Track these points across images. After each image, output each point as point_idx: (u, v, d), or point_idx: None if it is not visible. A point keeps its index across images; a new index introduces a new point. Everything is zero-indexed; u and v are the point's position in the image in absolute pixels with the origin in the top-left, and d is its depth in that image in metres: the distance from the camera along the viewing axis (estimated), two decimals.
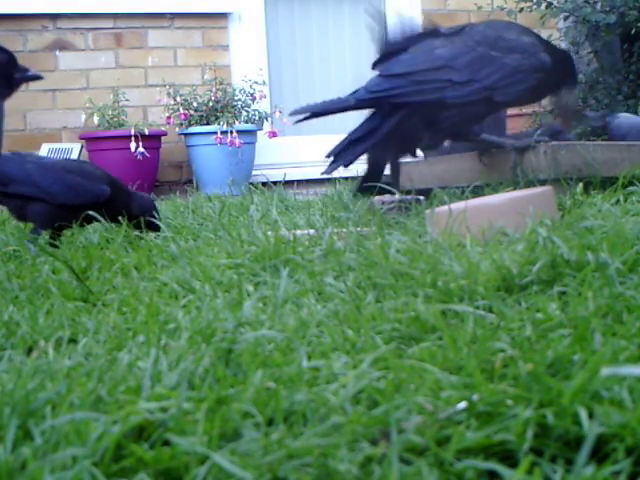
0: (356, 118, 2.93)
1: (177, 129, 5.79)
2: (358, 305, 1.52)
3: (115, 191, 2.80)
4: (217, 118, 5.61)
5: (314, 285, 1.73)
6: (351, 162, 2.78)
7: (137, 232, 2.66)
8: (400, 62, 2.77)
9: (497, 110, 2.95)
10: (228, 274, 1.92)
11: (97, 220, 2.74)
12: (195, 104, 5.70)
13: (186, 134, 5.74)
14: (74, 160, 3.02)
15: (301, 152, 6.11)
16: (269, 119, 5.85)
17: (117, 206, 2.78)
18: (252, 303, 1.56)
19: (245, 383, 1.14)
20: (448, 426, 0.99)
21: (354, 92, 2.79)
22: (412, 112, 2.78)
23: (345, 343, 1.34)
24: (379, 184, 2.88)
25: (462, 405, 1.03)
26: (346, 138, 2.76)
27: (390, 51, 2.85)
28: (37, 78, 2.73)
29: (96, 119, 5.63)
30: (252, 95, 5.80)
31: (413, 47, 2.82)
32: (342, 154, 2.73)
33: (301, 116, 2.78)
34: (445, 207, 2.20)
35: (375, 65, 2.83)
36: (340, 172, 3.60)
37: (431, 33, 2.87)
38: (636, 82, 5.78)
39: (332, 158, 2.75)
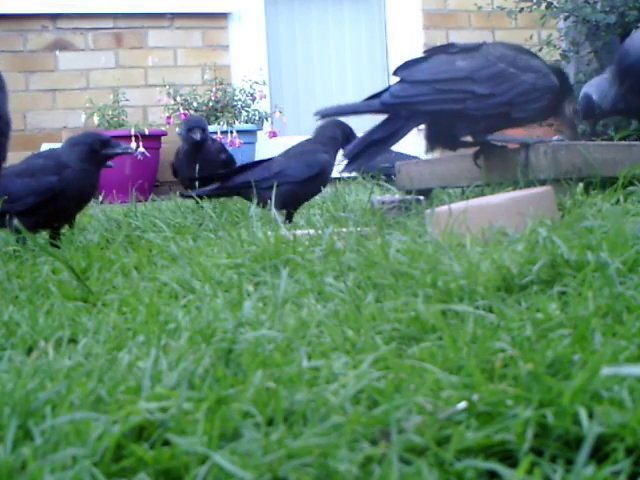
0: (355, 118, 2.94)
1: (177, 129, 5.79)
2: (358, 305, 1.51)
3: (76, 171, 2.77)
4: (217, 118, 5.61)
5: (314, 285, 1.73)
6: (369, 161, 2.81)
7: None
8: (423, 70, 2.81)
9: (511, 126, 2.99)
10: (228, 274, 1.92)
11: None
12: (195, 104, 5.70)
13: None
14: (31, 156, 2.96)
15: None
16: (269, 119, 5.86)
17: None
18: (252, 303, 1.56)
19: (245, 383, 1.14)
20: (448, 426, 0.99)
21: (376, 95, 2.79)
22: (432, 118, 2.81)
23: (345, 343, 1.34)
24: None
25: (462, 405, 1.03)
26: (365, 138, 2.75)
27: (410, 60, 2.88)
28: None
29: (96, 119, 5.63)
30: (252, 95, 5.80)
31: (433, 58, 2.85)
32: (362, 154, 2.74)
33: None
34: (445, 207, 2.20)
35: (397, 72, 2.85)
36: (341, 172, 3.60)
37: (447, 47, 2.91)
38: None
39: (348, 158, 2.76)
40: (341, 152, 2.83)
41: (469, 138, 2.93)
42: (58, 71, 5.88)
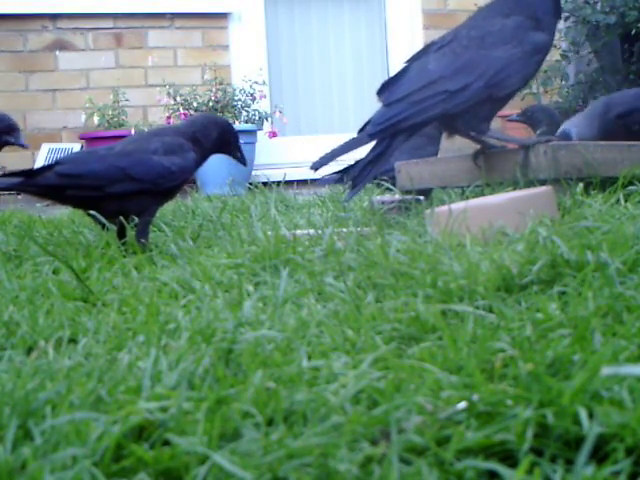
0: (355, 115, 2.94)
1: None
2: (358, 305, 1.51)
3: None
4: None
5: (314, 285, 1.73)
6: (367, 182, 2.81)
7: None
8: (398, 87, 2.78)
9: (504, 103, 2.93)
10: (228, 274, 1.92)
11: None
12: (195, 104, 5.70)
13: None
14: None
15: (301, 152, 6.11)
16: (269, 119, 5.86)
17: None
18: (252, 303, 1.56)
19: (245, 383, 1.14)
20: (448, 426, 0.99)
21: (364, 126, 2.79)
22: (422, 128, 2.80)
23: (345, 343, 1.34)
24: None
25: (462, 405, 1.03)
26: (361, 161, 2.76)
27: (390, 79, 2.86)
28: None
29: (96, 119, 5.63)
30: (252, 95, 5.80)
31: (412, 66, 2.83)
32: (360, 178, 2.73)
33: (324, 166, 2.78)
34: (445, 207, 2.20)
35: (378, 94, 2.83)
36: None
37: (426, 49, 2.87)
38: (636, 82, 5.78)
39: (351, 182, 2.76)
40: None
41: (472, 133, 2.91)
42: (58, 71, 5.88)
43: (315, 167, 2.74)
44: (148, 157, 2.60)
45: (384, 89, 2.82)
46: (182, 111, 5.67)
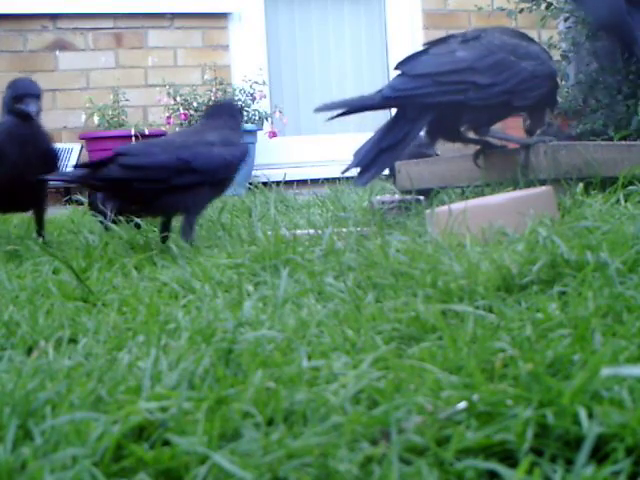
0: (355, 115, 2.93)
1: (177, 129, 5.80)
2: (358, 305, 1.51)
3: None
4: None
5: (314, 285, 1.73)
6: (382, 171, 2.79)
7: None
8: (424, 63, 2.79)
9: (512, 114, 2.98)
10: (228, 274, 1.92)
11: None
12: (195, 104, 5.70)
13: None
14: None
15: (301, 152, 6.11)
16: (269, 119, 5.86)
17: None
18: (252, 303, 1.56)
19: (245, 383, 1.13)
20: (448, 426, 0.99)
21: (378, 91, 2.78)
22: (436, 113, 2.79)
23: (345, 343, 1.34)
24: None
25: (462, 405, 1.03)
26: (374, 146, 2.72)
27: (411, 55, 2.86)
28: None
29: (96, 119, 5.63)
30: (252, 95, 5.80)
31: (433, 49, 2.84)
32: (372, 164, 2.70)
33: (327, 113, 2.77)
34: (445, 207, 2.20)
35: (398, 66, 2.83)
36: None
37: (447, 38, 2.89)
38: (636, 82, 5.77)
39: (360, 169, 2.72)
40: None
41: (471, 134, 2.91)
42: (58, 71, 5.88)
43: (318, 110, 2.74)
44: (209, 149, 2.62)
45: (405, 62, 2.83)
46: (182, 111, 5.67)
